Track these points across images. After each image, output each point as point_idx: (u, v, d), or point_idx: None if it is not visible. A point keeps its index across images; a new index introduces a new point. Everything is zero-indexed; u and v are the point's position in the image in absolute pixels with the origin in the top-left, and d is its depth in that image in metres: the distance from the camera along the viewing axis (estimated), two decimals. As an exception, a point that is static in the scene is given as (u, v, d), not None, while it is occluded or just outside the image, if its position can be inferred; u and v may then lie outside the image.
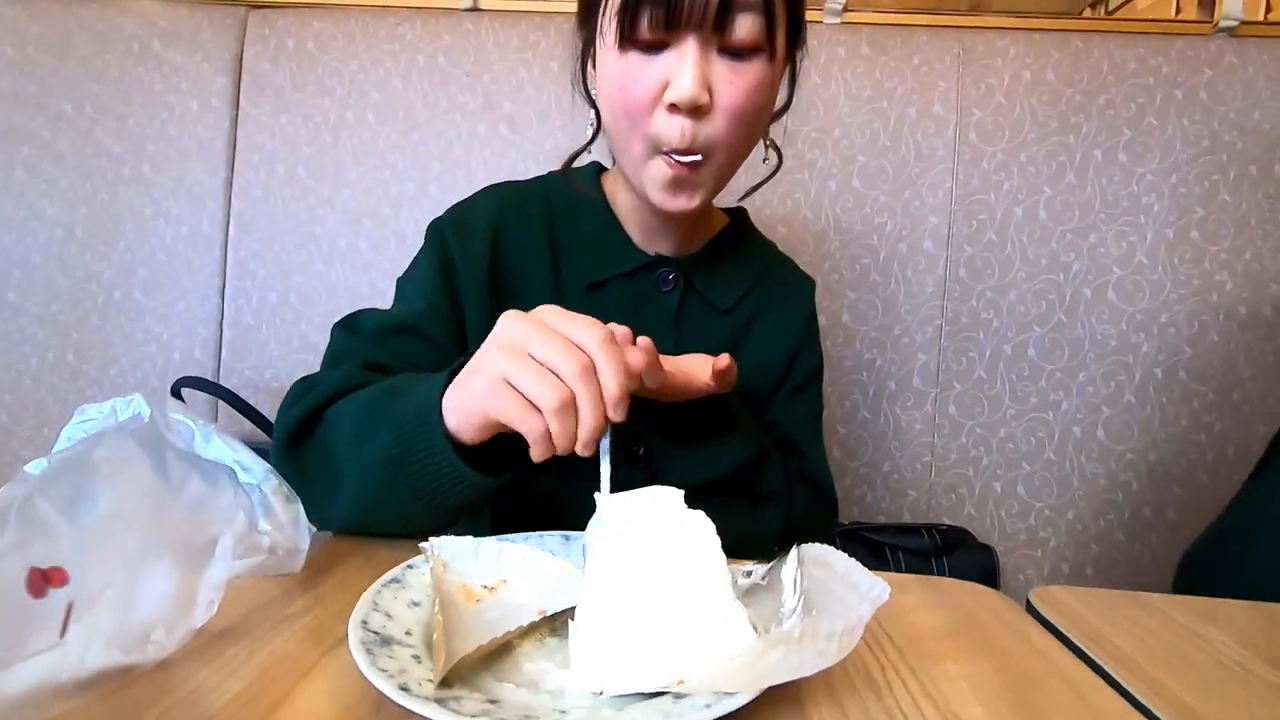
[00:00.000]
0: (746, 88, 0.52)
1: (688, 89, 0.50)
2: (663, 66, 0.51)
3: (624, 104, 0.53)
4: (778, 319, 0.67)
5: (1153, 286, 0.98)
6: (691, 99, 0.50)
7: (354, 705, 0.30)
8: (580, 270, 0.63)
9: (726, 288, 0.65)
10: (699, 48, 0.51)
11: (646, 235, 0.64)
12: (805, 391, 0.69)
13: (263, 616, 0.37)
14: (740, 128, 0.53)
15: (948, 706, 0.33)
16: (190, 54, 1.07)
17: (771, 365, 0.67)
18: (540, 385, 0.39)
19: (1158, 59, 0.98)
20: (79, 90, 1.08)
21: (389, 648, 0.31)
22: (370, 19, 1.06)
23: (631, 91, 0.52)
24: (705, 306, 0.65)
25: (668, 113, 0.52)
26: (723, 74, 0.52)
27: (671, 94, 0.51)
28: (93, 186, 1.08)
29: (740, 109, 0.52)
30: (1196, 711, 0.33)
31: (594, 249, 0.63)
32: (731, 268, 0.66)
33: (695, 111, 0.51)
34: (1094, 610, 0.44)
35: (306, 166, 1.06)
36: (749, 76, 0.52)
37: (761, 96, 0.54)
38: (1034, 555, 0.99)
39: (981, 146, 0.99)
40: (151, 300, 1.08)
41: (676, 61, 0.51)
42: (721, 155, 0.54)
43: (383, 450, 0.44)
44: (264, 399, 1.06)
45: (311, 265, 1.06)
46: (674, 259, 0.64)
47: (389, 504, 0.46)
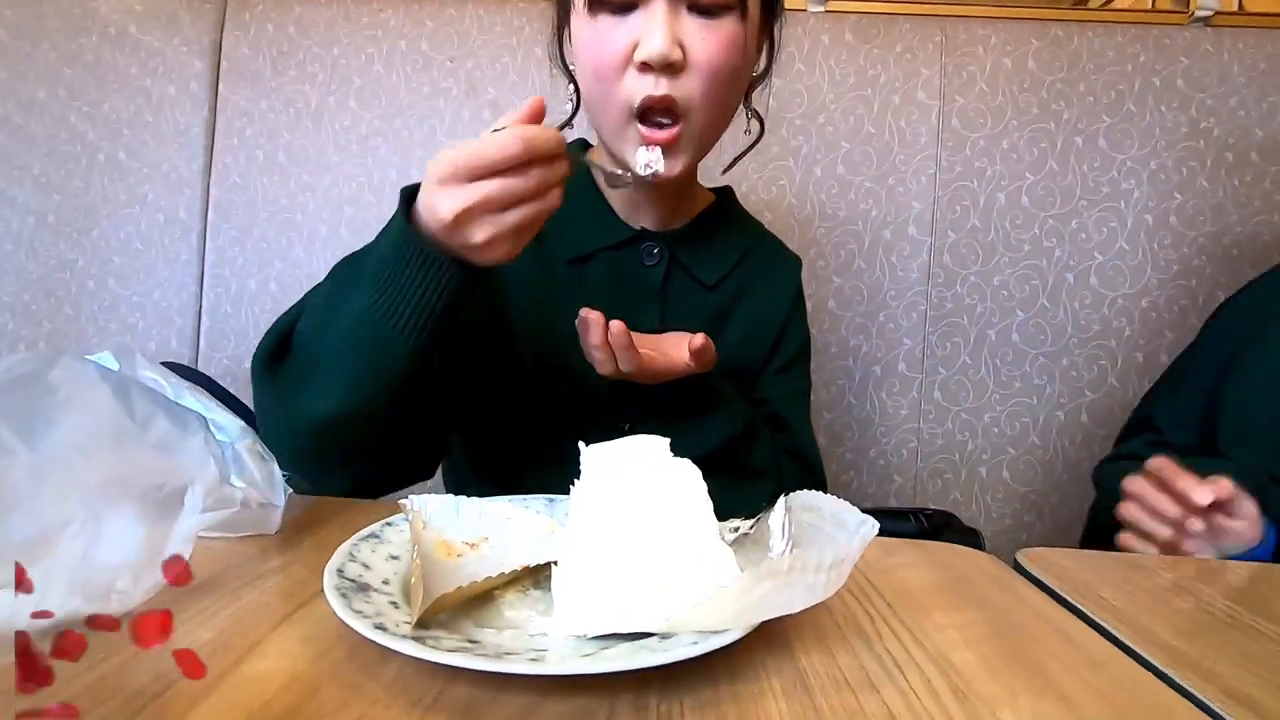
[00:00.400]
0: (720, 44, 0.52)
1: (658, 45, 0.50)
2: (633, 26, 0.51)
3: (595, 67, 0.53)
4: (763, 296, 0.67)
5: (1133, 271, 0.99)
6: (662, 54, 0.50)
7: (329, 649, 0.29)
8: (565, 243, 0.62)
9: (712, 263, 0.65)
10: (668, 5, 0.50)
11: (631, 208, 0.64)
12: (792, 369, 0.69)
13: (236, 574, 0.36)
14: (716, 87, 0.53)
15: (938, 652, 0.32)
16: (168, 38, 1.05)
17: (758, 342, 0.67)
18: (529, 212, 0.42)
19: (1135, 48, 0.99)
20: (53, 75, 1.06)
21: (365, 594, 0.30)
22: (353, 4, 1.05)
23: (602, 54, 0.52)
24: (690, 281, 0.64)
25: (639, 72, 0.51)
26: (694, 31, 0.51)
27: (641, 52, 0.51)
28: (66, 173, 1.06)
29: (715, 66, 0.52)
30: (1183, 652, 0.33)
31: (578, 223, 0.62)
32: (717, 243, 0.66)
33: (668, 69, 0.51)
34: (1082, 567, 0.44)
35: (287, 152, 1.04)
36: (721, 33, 0.52)
37: (735, 55, 0.53)
38: (1019, 539, 0.99)
39: (964, 133, 1.00)
40: (126, 289, 1.06)
41: (646, 21, 0.51)
42: (699, 116, 0.54)
43: (360, 305, 0.45)
44: (244, 388, 1.03)
45: (292, 252, 1.04)
46: (659, 233, 0.64)
47: (370, 364, 0.45)
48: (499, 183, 0.41)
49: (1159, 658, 0.33)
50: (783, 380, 0.68)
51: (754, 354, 0.67)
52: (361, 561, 0.33)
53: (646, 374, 0.52)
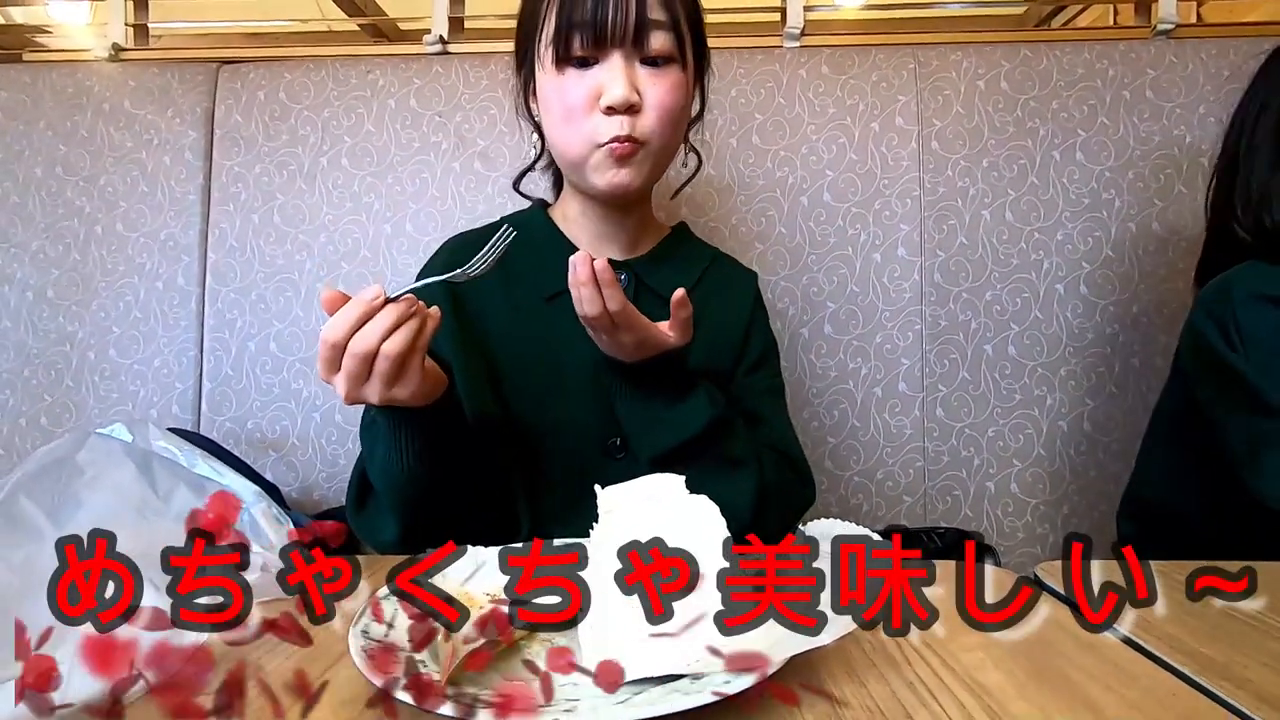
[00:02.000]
0: (667, 88, 0.63)
1: (620, 92, 0.60)
2: (594, 78, 0.61)
3: (564, 111, 0.63)
4: (725, 304, 0.74)
5: (1121, 279, 1.00)
6: (624, 99, 0.60)
7: (360, 713, 0.29)
8: (538, 284, 0.68)
9: (675, 282, 0.68)
10: (624, 60, 0.61)
11: (596, 242, 0.71)
12: (761, 369, 0.75)
13: (258, 642, 0.35)
14: (668, 122, 0.63)
15: (967, 675, 0.32)
16: (161, 110, 1.08)
17: (725, 345, 0.72)
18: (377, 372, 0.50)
19: (1103, 63, 1.02)
20: (49, 153, 1.08)
21: (391, 654, 0.30)
22: (341, 67, 1.07)
23: (570, 100, 0.62)
24: (657, 300, 0.68)
25: (605, 115, 0.61)
26: (646, 79, 0.62)
27: (607, 98, 0.60)
28: (64, 248, 1.08)
29: (666, 105, 0.63)
30: (1212, 659, 0.33)
31: (546, 263, 0.67)
32: (678, 265, 0.73)
33: (629, 110, 0.61)
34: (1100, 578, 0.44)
35: (282, 214, 1.06)
36: (668, 80, 0.63)
37: (681, 96, 0.64)
38: (1034, 552, 0.98)
39: (945, 155, 1.02)
40: (127, 358, 1.06)
41: (607, 73, 0.61)
42: (654, 144, 0.64)
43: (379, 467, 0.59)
44: (247, 450, 1.04)
45: (290, 312, 1.05)
46: (625, 261, 0.71)
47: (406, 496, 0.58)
48: (342, 366, 0.49)
49: (1189, 666, 0.33)
50: (754, 380, 0.73)
51: (724, 355, 0.72)
52: (386, 621, 0.33)
53: (628, 324, 0.56)
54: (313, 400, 1.04)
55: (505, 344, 0.68)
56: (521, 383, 0.67)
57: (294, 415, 1.05)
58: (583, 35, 0.60)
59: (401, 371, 0.50)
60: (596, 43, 0.61)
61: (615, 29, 0.60)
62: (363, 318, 0.49)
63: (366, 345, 0.48)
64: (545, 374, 0.67)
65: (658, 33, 0.62)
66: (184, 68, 1.10)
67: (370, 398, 0.50)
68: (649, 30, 0.61)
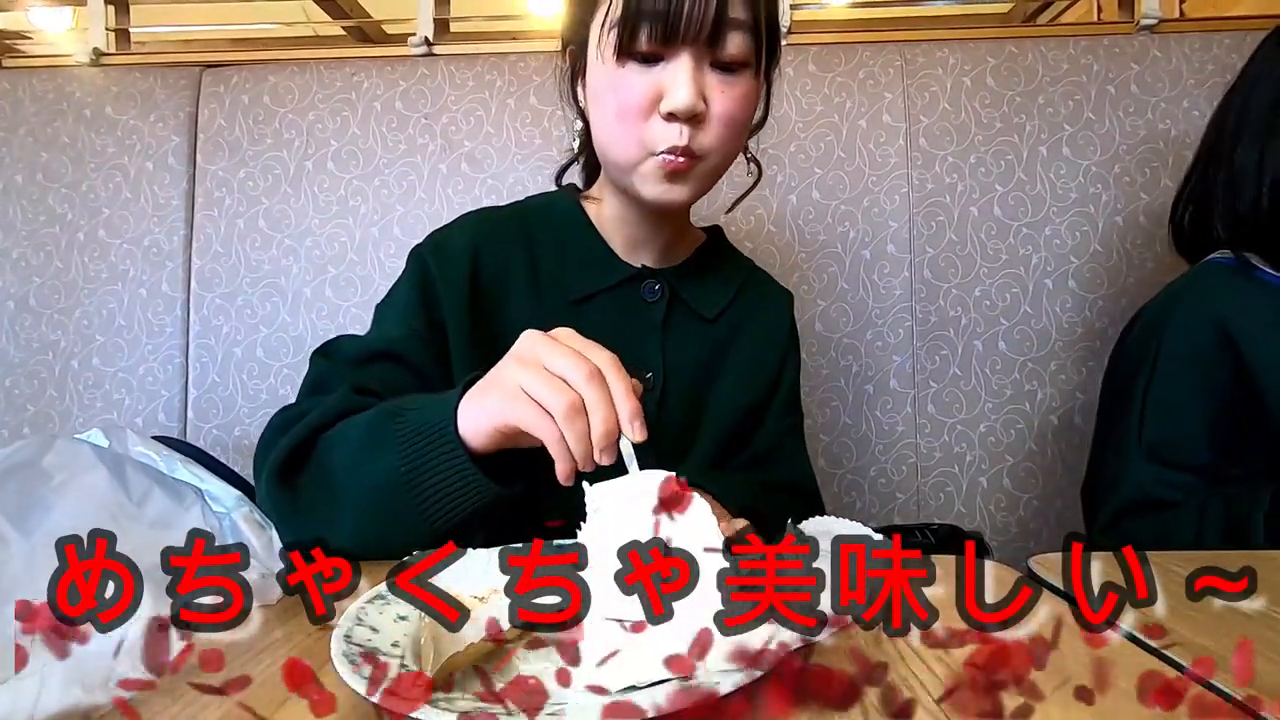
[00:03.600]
0: (737, 99, 0.56)
1: (686, 99, 0.53)
2: (657, 77, 0.54)
3: (620, 110, 0.56)
4: (761, 329, 0.69)
5: (1110, 272, 1.00)
6: (689, 108, 0.53)
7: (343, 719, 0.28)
8: (564, 286, 0.63)
9: (711, 296, 0.67)
10: (693, 62, 0.54)
11: (630, 247, 0.65)
12: (789, 403, 0.71)
13: (239, 648, 0.35)
14: (731, 136, 0.57)
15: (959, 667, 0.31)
16: (144, 115, 1.07)
17: (761, 376, 0.68)
18: (551, 390, 0.40)
19: (1088, 58, 1.02)
20: (30, 160, 1.07)
21: (375, 659, 0.29)
22: (325, 70, 1.07)
23: (628, 98, 0.55)
24: (690, 316, 0.66)
25: (664, 120, 0.55)
26: (715, 85, 0.55)
27: (669, 103, 0.54)
28: (46, 255, 1.06)
29: (732, 118, 0.56)
30: (1214, 652, 0.33)
31: (577, 264, 0.63)
32: (714, 278, 0.68)
33: (692, 120, 0.54)
34: (1095, 571, 0.43)
35: (267, 218, 1.05)
36: (739, 89, 0.56)
37: (750, 108, 0.58)
38: (1027, 547, 0.98)
39: (932, 151, 1.02)
40: (111, 366, 1.05)
41: (672, 73, 0.54)
42: (713, 159, 0.57)
43: (388, 468, 0.44)
44: (235, 458, 1.03)
45: (277, 317, 1.04)
46: (659, 270, 0.65)
47: (390, 524, 0.45)
48: (570, 392, 0.40)
49: (1188, 659, 0.32)
50: (780, 414, 0.70)
51: (759, 387, 0.68)
52: (369, 625, 0.32)
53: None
54: (301, 406, 1.03)
55: None
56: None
57: (282, 421, 1.04)
58: (652, 27, 0.53)
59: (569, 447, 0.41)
60: (666, 38, 0.53)
61: (690, 25, 0.52)
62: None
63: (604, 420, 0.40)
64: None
65: (736, 34, 0.54)
66: (167, 71, 1.09)
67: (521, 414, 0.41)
68: (727, 30, 0.53)
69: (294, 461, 0.48)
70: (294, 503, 0.48)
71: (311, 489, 0.48)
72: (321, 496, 0.47)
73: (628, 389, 0.41)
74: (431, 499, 0.44)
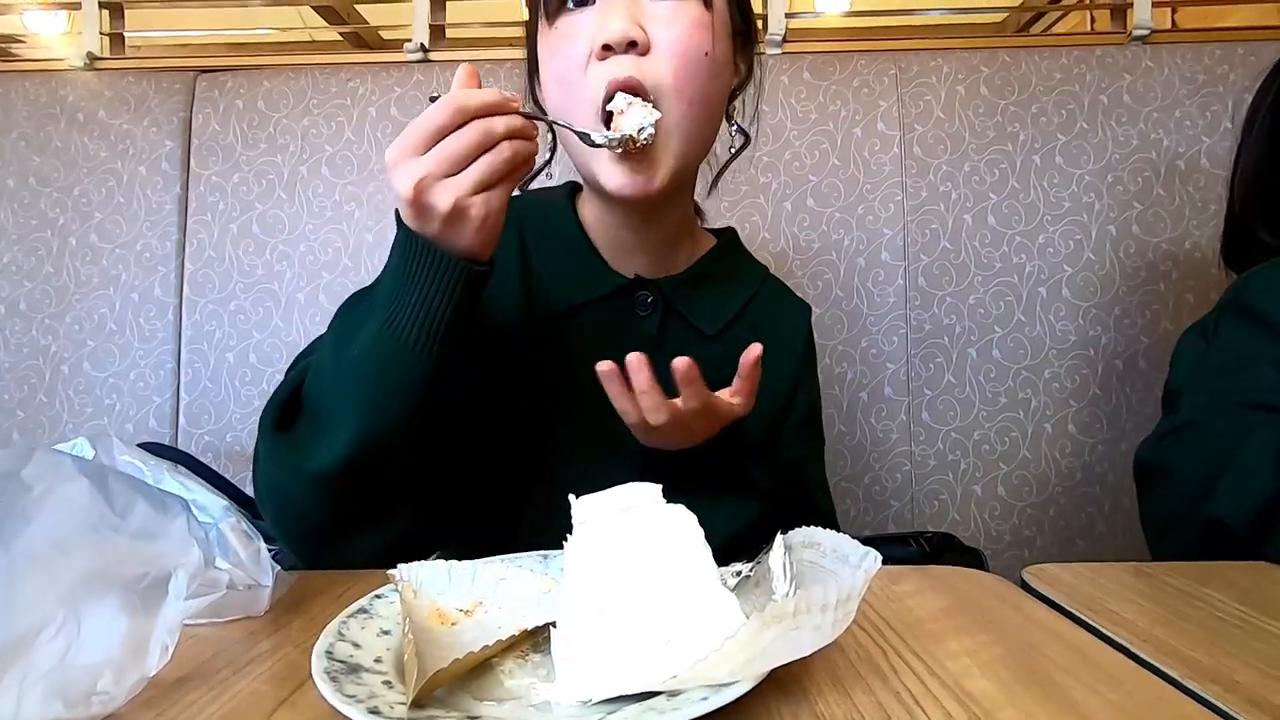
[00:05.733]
0: (684, 24, 0.50)
1: (617, 24, 0.49)
2: (591, 19, 0.51)
3: (558, 71, 0.52)
4: (773, 346, 0.58)
5: (1103, 281, 1.01)
6: (622, 31, 0.49)
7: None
8: (554, 295, 0.60)
9: (712, 311, 0.61)
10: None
11: (621, 255, 0.60)
12: (807, 425, 0.66)
13: (224, 661, 0.34)
14: (687, 69, 0.51)
15: (954, 683, 0.31)
16: (137, 120, 1.06)
17: (771, 397, 0.61)
18: (488, 162, 0.42)
19: (1080, 68, 1.03)
20: (21, 164, 1.07)
21: (356, 675, 0.29)
22: (320, 75, 1.07)
23: (564, 53, 0.51)
24: (688, 331, 0.60)
25: (600, 60, 0.50)
26: (656, 13, 0.51)
27: (601, 35, 0.49)
28: (37, 260, 1.06)
29: (682, 49, 0.50)
30: (1200, 662, 0.33)
31: (567, 273, 0.60)
32: (718, 289, 0.62)
33: (631, 47, 0.49)
34: (1088, 582, 0.43)
35: (261, 224, 1.05)
36: (685, 15, 0.51)
37: (702, 35, 0.51)
38: (1021, 554, 0.98)
39: (926, 160, 1.02)
40: (102, 371, 1.04)
41: (602, 9, 0.50)
42: (673, 106, 0.51)
43: (368, 331, 0.45)
44: (226, 464, 1.02)
45: (270, 322, 1.04)
46: (653, 280, 0.60)
47: (385, 387, 0.45)
48: (441, 143, 0.42)
49: (1178, 670, 0.32)
50: (796, 440, 0.64)
51: (768, 409, 0.61)
52: (351, 640, 0.32)
53: (681, 426, 0.48)
54: (293, 412, 1.02)
55: (519, 357, 0.58)
56: (527, 402, 0.58)
57: (274, 428, 1.03)
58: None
59: (491, 202, 0.43)
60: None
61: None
62: (499, 107, 0.42)
63: (490, 130, 0.41)
64: (553, 398, 0.58)
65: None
66: (161, 76, 1.09)
67: (440, 204, 0.41)
68: None
69: (282, 414, 0.49)
70: (290, 450, 0.47)
71: (302, 424, 0.48)
72: (311, 423, 0.47)
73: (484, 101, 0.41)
74: (416, 318, 0.44)
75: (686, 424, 0.49)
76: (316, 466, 0.46)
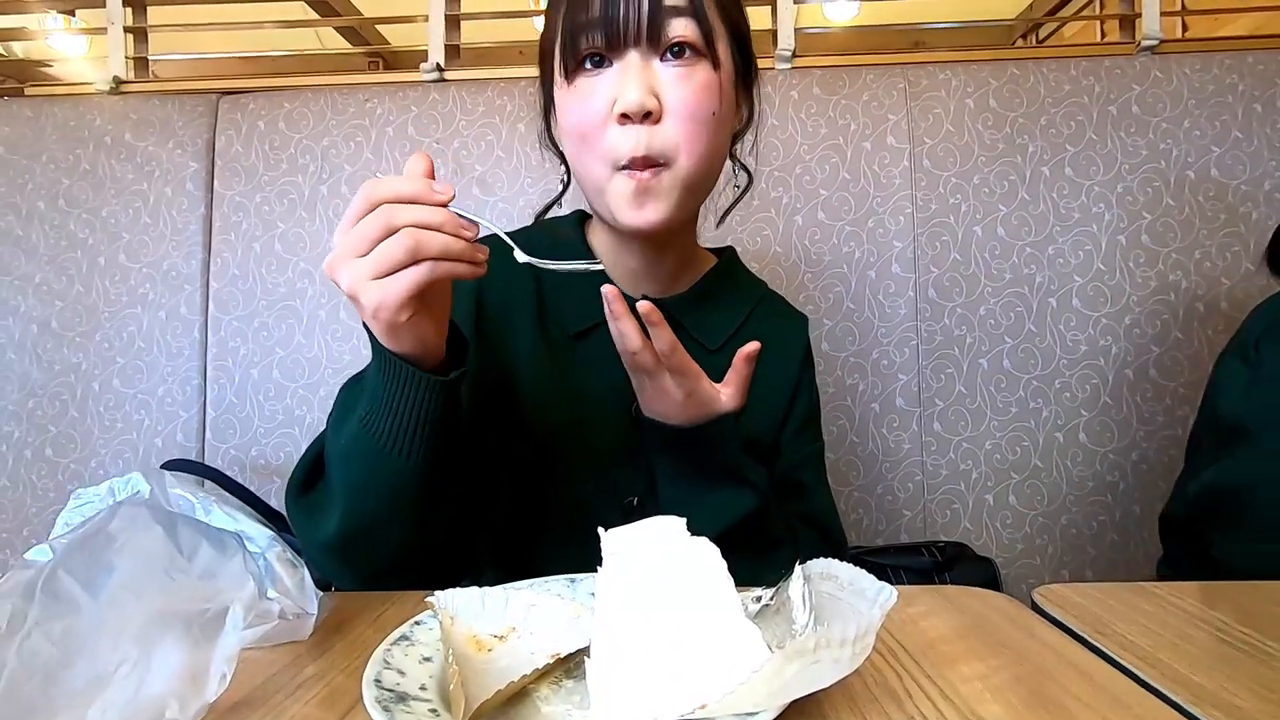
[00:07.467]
0: (693, 88, 0.54)
1: (633, 95, 0.52)
2: (609, 83, 0.54)
3: (578, 127, 0.56)
4: (772, 357, 0.63)
5: (1113, 291, 1.02)
6: (638, 103, 0.52)
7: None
8: (566, 318, 0.63)
9: (715, 325, 0.65)
10: (640, 59, 0.53)
11: (631, 279, 0.64)
12: (806, 430, 0.69)
13: (276, 685, 0.36)
14: (695, 130, 0.54)
15: (967, 708, 0.33)
16: (162, 143, 1.09)
17: (771, 405, 0.66)
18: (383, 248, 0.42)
19: (1089, 79, 1.04)
20: (51, 186, 1.10)
21: (405, 704, 0.31)
22: (339, 97, 1.09)
23: (583, 112, 0.55)
24: (694, 346, 0.62)
25: (620, 125, 0.53)
26: (668, 80, 0.54)
27: (620, 105, 0.53)
28: (68, 280, 1.09)
29: (690, 109, 0.54)
30: (1203, 687, 0.34)
31: (578, 297, 0.62)
32: (721, 306, 0.66)
33: (646, 118, 0.53)
34: (1097, 603, 0.45)
35: (283, 242, 1.07)
36: (694, 79, 0.54)
37: (710, 98, 0.55)
38: (1033, 563, 1.00)
39: (936, 172, 1.04)
40: (130, 388, 1.07)
41: (620, 75, 0.54)
42: (683, 162, 0.55)
43: (353, 423, 0.47)
44: (252, 478, 1.05)
45: (293, 339, 1.06)
46: (659, 300, 0.61)
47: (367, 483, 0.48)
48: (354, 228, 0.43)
49: (1182, 695, 0.34)
50: (798, 443, 0.67)
51: (769, 417, 0.65)
52: (396, 668, 0.34)
53: (679, 369, 0.52)
54: (316, 426, 1.05)
55: (526, 379, 0.62)
56: (539, 425, 0.61)
57: (298, 442, 1.06)
58: (590, 36, 0.53)
59: (426, 297, 0.43)
60: (608, 44, 0.53)
61: (628, 23, 0.52)
62: (415, 198, 0.42)
63: (390, 219, 0.42)
64: (565, 420, 0.61)
65: (677, 20, 0.53)
66: (184, 99, 1.12)
67: (343, 282, 0.43)
68: (665, 18, 0.53)
69: (305, 480, 0.52)
70: (309, 516, 0.51)
71: (314, 494, 0.51)
72: (327, 485, 0.50)
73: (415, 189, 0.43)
74: (395, 424, 0.46)
75: (665, 390, 0.53)
76: (323, 536, 0.50)
